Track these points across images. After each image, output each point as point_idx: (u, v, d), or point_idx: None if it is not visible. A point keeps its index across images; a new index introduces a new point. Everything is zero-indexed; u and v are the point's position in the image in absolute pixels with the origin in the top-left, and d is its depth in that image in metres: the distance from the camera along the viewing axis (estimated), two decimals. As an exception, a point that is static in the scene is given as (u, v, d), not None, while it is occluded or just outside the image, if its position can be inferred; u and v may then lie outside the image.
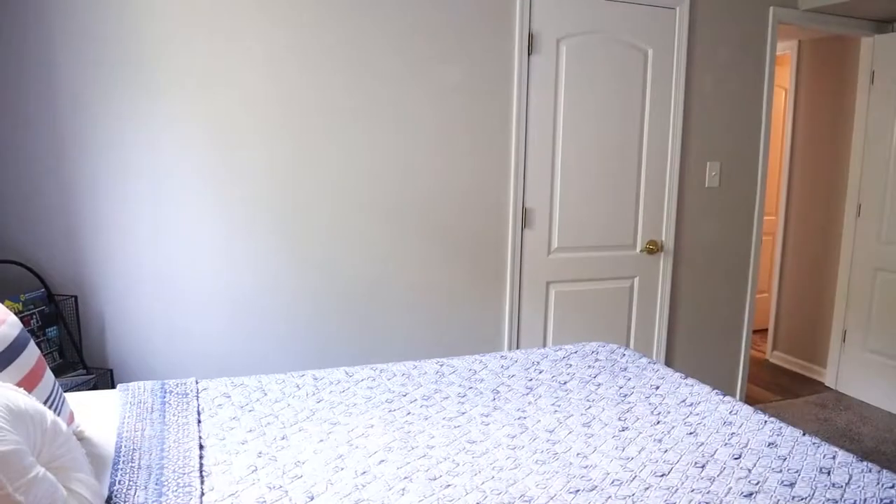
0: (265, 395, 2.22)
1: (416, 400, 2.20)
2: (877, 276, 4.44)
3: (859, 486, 1.64)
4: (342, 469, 1.71)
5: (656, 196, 3.75)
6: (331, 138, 3.03)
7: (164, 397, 2.16)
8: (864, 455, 3.75)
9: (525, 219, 3.46)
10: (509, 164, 3.38)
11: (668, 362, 3.96)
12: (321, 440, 1.88)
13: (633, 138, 3.64)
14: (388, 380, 2.37)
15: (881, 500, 1.58)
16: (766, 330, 5.46)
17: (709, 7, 3.74)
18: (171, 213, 2.85)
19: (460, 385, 2.33)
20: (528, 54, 3.35)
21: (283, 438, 1.89)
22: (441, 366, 2.50)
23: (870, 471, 1.70)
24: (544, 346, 3.62)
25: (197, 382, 2.30)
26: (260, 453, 1.79)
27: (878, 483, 1.65)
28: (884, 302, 4.41)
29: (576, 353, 2.63)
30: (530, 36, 3.34)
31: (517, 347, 3.52)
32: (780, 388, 4.77)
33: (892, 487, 1.62)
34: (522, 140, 3.38)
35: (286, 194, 3.00)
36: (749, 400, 4.45)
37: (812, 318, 5.01)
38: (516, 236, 3.44)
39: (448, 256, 3.32)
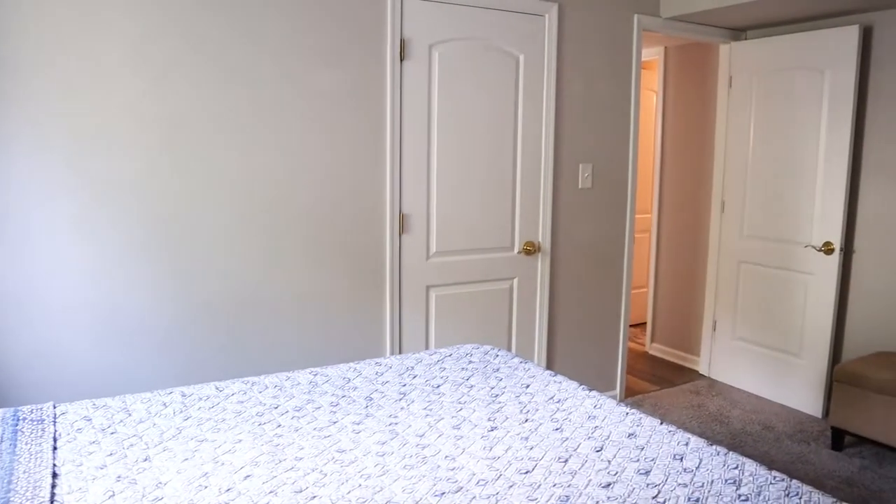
0: (129, 415, 2.13)
1: (287, 412, 2.16)
2: (740, 268, 4.71)
3: (708, 469, 1.73)
4: (206, 487, 1.67)
5: (532, 198, 3.84)
6: (202, 145, 2.94)
7: (17, 425, 2.04)
8: (732, 436, 3.96)
9: (402, 224, 3.47)
10: (384, 170, 3.38)
11: (550, 359, 4.06)
12: (186, 459, 1.82)
13: (507, 142, 3.72)
14: (260, 392, 2.32)
15: (726, 480, 1.67)
16: (646, 323, 5.69)
17: (576, 14, 3.87)
18: (25, 222, 2.69)
19: (333, 394, 2.31)
20: (401, 60, 3.36)
21: (145, 460, 1.82)
22: (315, 375, 2.47)
23: (718, 454, 1.80)
24: (427, 350, 3.63)
25: (55, 407, 2.18)
26: (119, 477, 1.71)
27: (725, 465, 1.74)
28: (747, 292, 4.68)
29: (450, 356, 2.66)
30: (402, 42, 3.35)
31: (400, 353, 3.52)
32: (658, 378, 4.97)
33: (736, 468, 1.72)
34: (397, 146, 3.39)
35: (157, 203, 2.88)
36: (629, 391, 4.62)
37: (686, 310, 5.26)
38: (394, 242, 3.44)
39: (327, 264, 3.28)
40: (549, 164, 3.85)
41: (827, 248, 4.14)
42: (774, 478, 1.66)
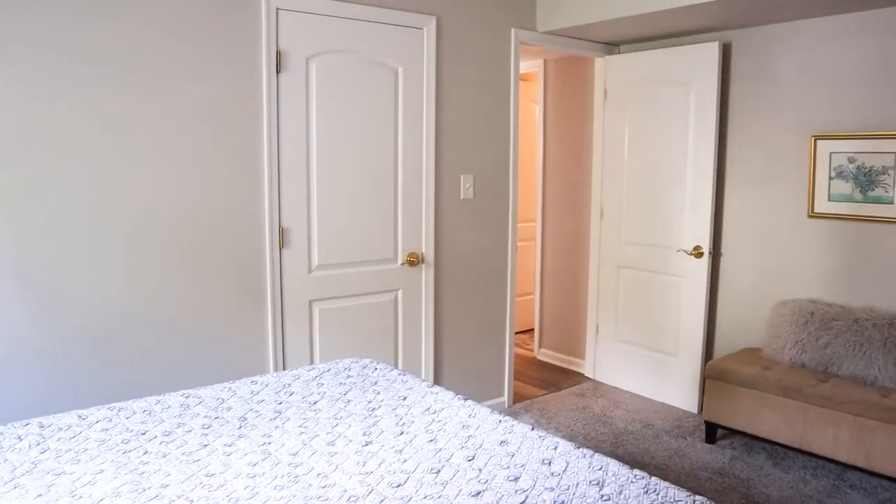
0: (-23, 452, 1.99)
1: (155, 437, 2.08)
2: (619, 272, 4.89)
3: (574, 472, 1.78)
4: (60, 523, 1.58)
5: (414, 210, 3.86)
6: (72, 159, 2.78)
7: None
8: (615, 436, 4.10)
9: (282, 238, 3.41)
10: (262, 183, 3.32)
11: (437, 369, 4.08)
12: (39, 495, 1.73)
13: (387, 154, 3.73)
14: (127, 419, 2.22)
15: (590, 481, 1.72)
16: (534, 330, 5.81)
17: (455, 28, 3.92)
18: None
19: (206, 416, 2.24)
20: (277, 72, 3.32)
21: (-8, 500, 1.71)
22: (187, 398, 2.39)
23: (584, 456, 1.85)
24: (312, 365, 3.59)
25: None
26: (-39, 521, 1.60)
27: (590, 466, 1.80)
28: (627, 296, 4.86)
29: (328, 371, 2.63)
30: (278, 54, 3.31)
31: (284, 369, 3.45)
32: (545, 382, 5.09)
33: (601, 469, 1.78)
34: (275, 159, 3.34)
35: (24, 219, 2.70)
36: (517, 397, 4.71)
37: (571, 316, 5.41)
38: (274, 256, 3.38)
39: (205, 280, 3.18)
40: (431, 175, 3.88)
41: (697, 252, 4.36)
42: (635, 476, 1.72)
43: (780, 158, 4.11)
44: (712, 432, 4.01)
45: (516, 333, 6.23)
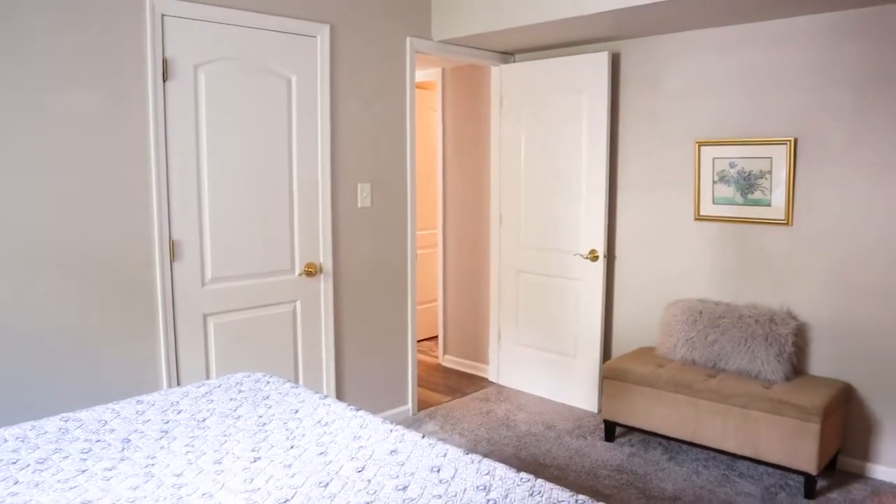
0: None
1: (28, 465, 1.97)
2: (520, 277, 4.97)
3: (462, 478, 1.79)
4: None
5: (311, 219, 3.81)
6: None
7: None
8: (518, 438, 4.16)
9: (173, 251, 3.31)
10: (150, 194, 3.20)
11: (339, 380, 4.04)
12: None
13: (282, 163, 3.67)
14: (-1, 447, 2.10)
15: (477, 486, 1.74)
16: (438, 336, 5.83)
17: (349, 36, 3.90)
18: None
19: (86, 440, 2.14)
20: (164, 81, 3.22)
21: None
22: (66, 421, 2.28)
23: (472, 462, 1.87)
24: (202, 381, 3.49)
25: None
26: None
27: (478, 472, 1.81)
28: (527, 300, 4.94)
29: (219, 387, 2.57)
30: (164, 62, 3.21)
31: (179, 387, 3.34)
32: (450, 388, 5.12)
33: (488, 474, 1.79)
34: (164, 170, 3.23)
35: None
36: (422, 404, 4.71)
37: (474, 321, 5.46)
38: (165, 270, 3.27)
39: (93, 297, 3.04)
40: (327, 184, 3.85)
41: (592, 256, 4.48)
42: (521, 479, 1.75)
43: (668, 164, 4.28)
44: (611, 431, 4.12)
45: (421, 340, 6.26)
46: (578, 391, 4.69)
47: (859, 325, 3.64)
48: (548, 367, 4.85)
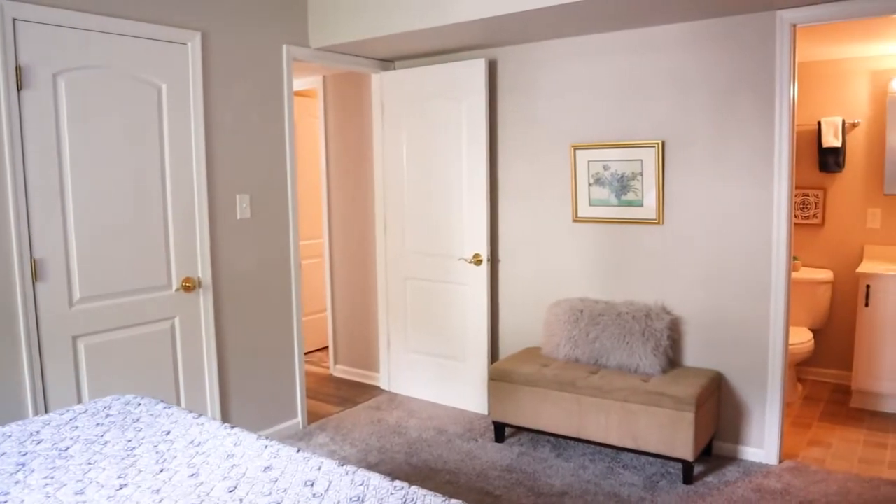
0: None
1: None
2: (406, 284, 4.98)
3: (336, 490, 1.77)
4: None
5: (187, 233, 3.69)
6: None
7: None
8: (409, 445, 4.16)
9: (36, 271, 3.12)
10: (7, 211, 3.01)
11: (224, 397, 3.92)
12: None
13: (154, 175, 3.53)
14: None
15: (351, 498, 1.72)
16: (328, 347, 5.77)
17: (223, 43, 3.80)
18: None
19: (-69, 478, 1.99)
20: (18, 90, 3.04)
21: None
22: None
23: (346, 473, 1.85)
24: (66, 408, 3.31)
25: None
26: None
27: (352, 483, 1.80)
28: (415, 306, 4.96)
29: (85, 412, 2.44)
30: (18, 69, 3.03)
31: (41, 415, 3.15)
32: (342, 399, 5.06)
33: (362, 484, 1.78)
34: (21, 185, 3.04)
35: None
36: (312, 416, 4.64)
37: (363, 330, 5.43)
38: (27, 291, 3.08)
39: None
40: (204, 196, 3.73)
41: (476, 260, 4.54)
42: (395, 488, 1.75)
43: (546, 167, 4.39)
44: (501, 431, 4.18)
45: (311, 352, 6.18)
46: (468, 394, 4.73)
47: (726, 316, 3.85)
48: (438, 372, 4.88)
